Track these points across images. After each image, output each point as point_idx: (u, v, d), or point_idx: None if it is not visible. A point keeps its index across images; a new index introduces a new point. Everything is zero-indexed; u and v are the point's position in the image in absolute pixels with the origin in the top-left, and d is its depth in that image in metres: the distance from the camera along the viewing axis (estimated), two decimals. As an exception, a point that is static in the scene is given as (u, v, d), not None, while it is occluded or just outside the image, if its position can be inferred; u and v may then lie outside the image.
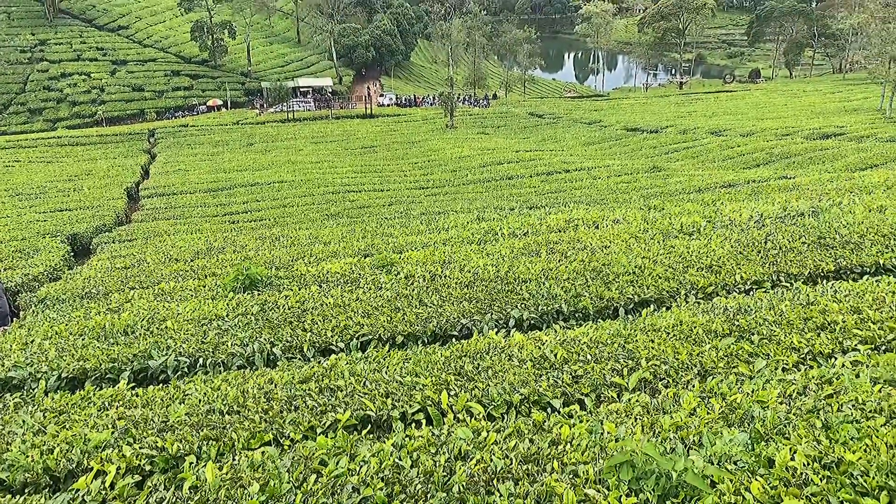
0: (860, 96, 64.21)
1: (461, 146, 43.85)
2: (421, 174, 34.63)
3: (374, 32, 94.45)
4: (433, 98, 77.67)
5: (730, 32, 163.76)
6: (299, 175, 34.59)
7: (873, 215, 10.44)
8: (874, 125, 39.57)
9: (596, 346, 5.39)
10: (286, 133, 55.90)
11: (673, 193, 21.82)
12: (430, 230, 15.42)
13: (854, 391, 3.51)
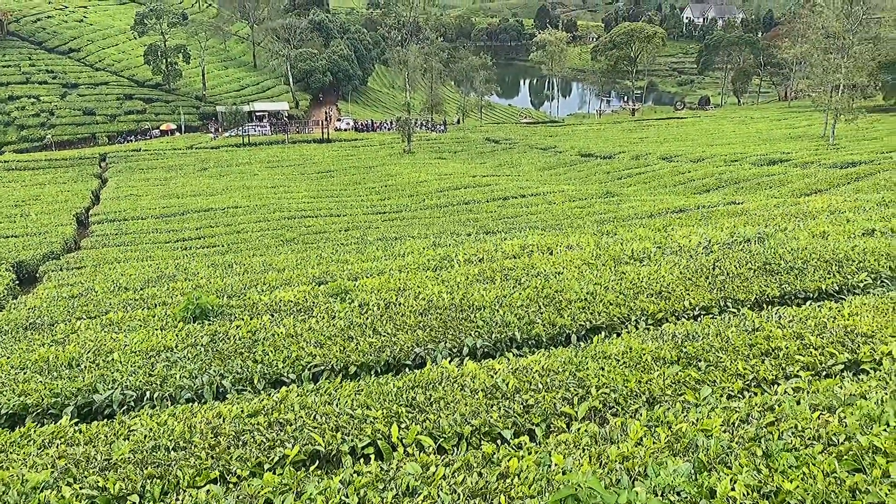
0: (804, 123, 66.43)
1: (418, 171, 44.01)
2: (378, 199, 34.62)
3: (332, 57, 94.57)
4: (390, 123, 77.94)
5: (680, 61, 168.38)
6: (254, 200, 34.27)
7: (817, 241, 10.77)
8: (818, 152, 40.93)
9: (548, 374, 5.42)
10: (241, 157, 55.42)
11: (626, 219, 22.19)
12: (386, 256, 15.39)
13: (794, 418, 3.60)
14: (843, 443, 3.24)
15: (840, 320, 6.10)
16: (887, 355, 4.90)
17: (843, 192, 24.73)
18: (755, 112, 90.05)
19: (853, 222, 13.55)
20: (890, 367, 4.50)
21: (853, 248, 9.46)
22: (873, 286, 7.96)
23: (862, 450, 3.11)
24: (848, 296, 7.64)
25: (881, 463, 2.96)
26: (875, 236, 11.15)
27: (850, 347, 5.38)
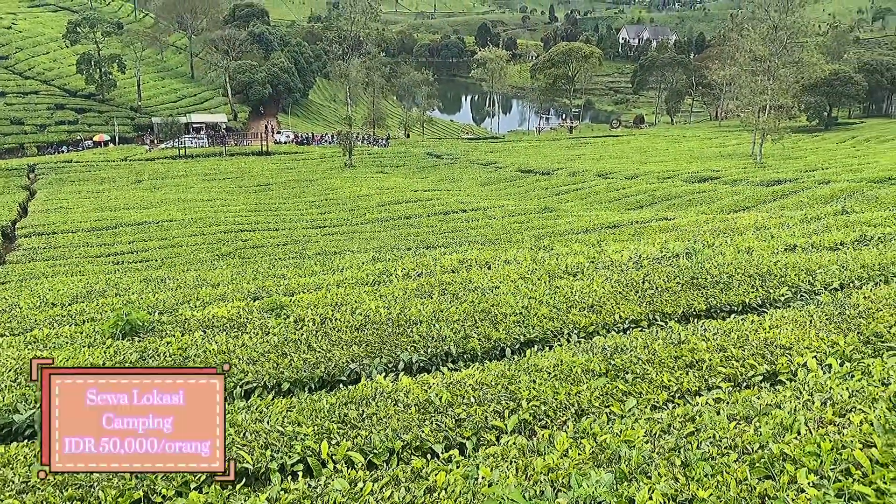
0: (734, 142, 68.85)
1: (359, 185, 43.88)
2: (318, 213, 34.36)
3: (272, 70, 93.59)
4: (331, 136, 77.53)
5: (616, 80, 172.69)
6: (190, 213, 33.56)
7: (742, 256, 11.18)
8: (746, 170, 42.50)
9: (481, 388, 5.48)
10: (177, 170, 54.25)
11: (562, 233, 22.59)
12: (324, 271, 15.28)
13: (713, 428, 3.73)
14: (757, 451, 3.38)
15: (761, 333, 6.35)
16: (802, 366, 5.12)
17: (769, 208, 25.73)
18: (687, 131, 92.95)
19: (777, 238, 14.12)
20: (804, 378, 4.71)
21: (776, 263, 9.85)
22: (793, 300, 8.30)
23: (773, 457, 3.25)
24: (770, 309, 7.95)
25: (790, 469, 3.10)
26: (796, 251, 11.65)
27: (769, 359, 5.61)
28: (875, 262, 9.74)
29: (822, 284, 8.79)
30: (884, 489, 2.83)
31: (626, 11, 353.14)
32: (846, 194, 25.95)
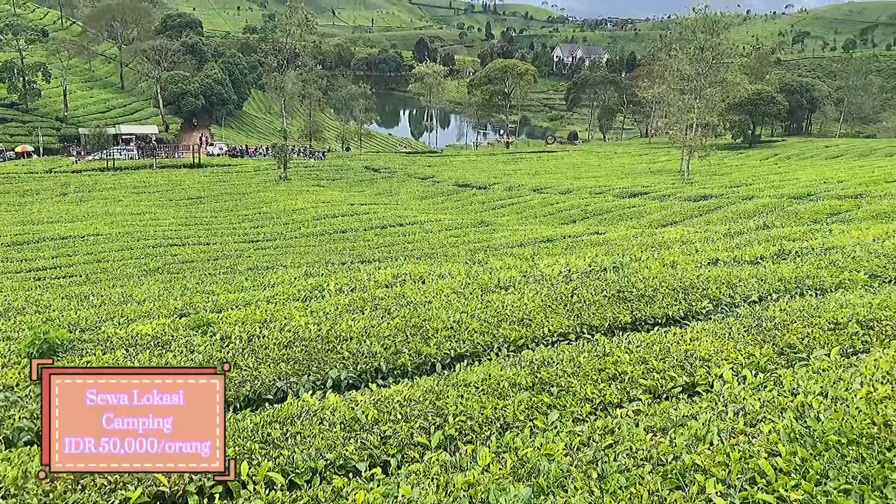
0: (663, 159, 71.00)
1: (294, 198, 43.37)
2: (251, 227, 33.78)
3: (205, 81, 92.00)
4: (266, 149, 76.51)
5: (551, 97, 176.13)
6: (117, 227, 32.54)
7: (666, 270, 11.48)
8: (674, 185, 43.82)
9: (409, 404, 5.46)
10: (105, 182, 52.58)
11: (498, 247, 22.79)
12: (255, 286, 15.00)
13: (630, 440, 3.81)
14: (671, 462, 3.47)
15: (682, 345, 6.52)
16: (719, 378, 5.29)
17: (695, 223, 26.57)
18: (619, 147, 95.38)
19: (701, 252, 14.57)
20: (720, 389, 4.86)
21: (699, 277, 10.15)
22: (714, 312, 8.57)
23: (685, 468, 3.34)
24: (692, 321, 8.18)
25: (700, 480, 3.19)
26: (719, 265, 12.04)
27: (688, 371, 5.77)
28: (792, 276, 10.15)
29: (741, 297, 9.10)
30: (785, 496, 2.94)
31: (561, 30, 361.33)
32: (768, 210, 27.02)
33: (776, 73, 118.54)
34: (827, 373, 4.86)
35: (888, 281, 9.94)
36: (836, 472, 3.07)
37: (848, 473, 3.05)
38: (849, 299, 8.04)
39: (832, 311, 7.43)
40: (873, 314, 7.26)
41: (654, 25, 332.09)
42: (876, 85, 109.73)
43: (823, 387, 4.48)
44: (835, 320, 7.11)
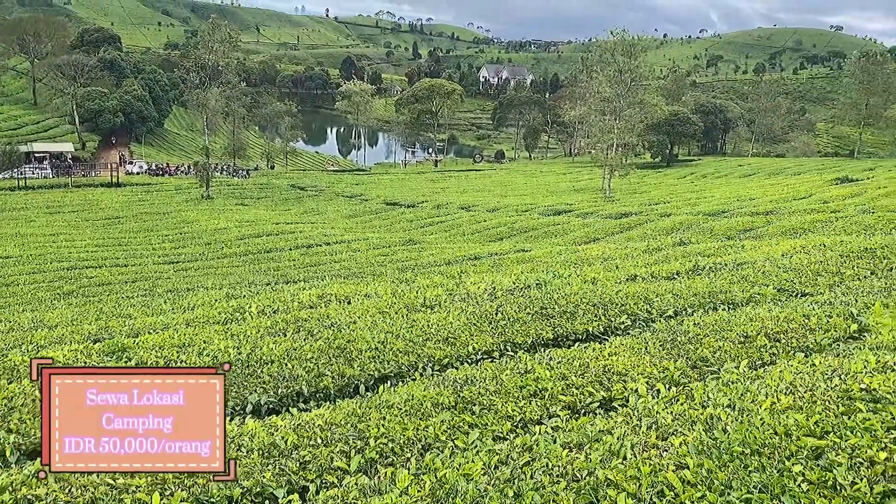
0: (587, 177, 72.74)
1: (217, 218, 42.42)
2: (171, 247, 32.83)
3: (124, 97, 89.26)
4: (188, 167, 74.68)
5: (478, 117, 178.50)
6: (29, 249, 31.09)
7: (587, 286, 11.73)
8: (597, 203, 44.95)
9: (329, 428, 5.38)
10: (16, 202, 50.21)
11: (426, 266, 22.85)
12: (174, 309, 14.56)
13: (547, 457, 3.86)
14: (585, 477, 3.53)
15: (601, 360, 6.66)
16: (634, 392, 5.42)
17: (616, 240, 27.30)
18: (544, 166, 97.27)
19: (621, 268, 14.97)
20: (635, 403, 4.98)
21: (618, 293, 10.42)
22: (632, 327, 8.80)
23: (598, 483, 3.41)
24: (611, 337, 8.37)
25: (612, 494, 3.26)
26: (637, 281, 12.38)
27: (605, 385, 5.90)
28: (706, 291, 10.54)
29: (658, 312, 9.38)
30: (691, 508, 3.04)
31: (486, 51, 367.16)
32: (685, 226, 28.01)
33: (692, 94, 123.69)
34: (735, 385, 5.05)
35: (795, 294, 10.43)
36: (738, 483, 3.19)
37: (750, 483, 3.18)
38: (758, 313, 8.39)
39: (742, 325, 7.73)
40: (780, 327, 7.60)
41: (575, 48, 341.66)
42: (784, 107, 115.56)
43: (731, 399, 4.65)
44: (745, 334, 7.41)
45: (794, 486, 3.12)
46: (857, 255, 13.12)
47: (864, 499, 3.01)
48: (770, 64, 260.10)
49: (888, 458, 3.34)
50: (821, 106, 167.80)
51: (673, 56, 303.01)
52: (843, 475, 3.18)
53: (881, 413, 3.97)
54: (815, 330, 7.38)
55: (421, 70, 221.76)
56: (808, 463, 3.36)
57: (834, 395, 4.40)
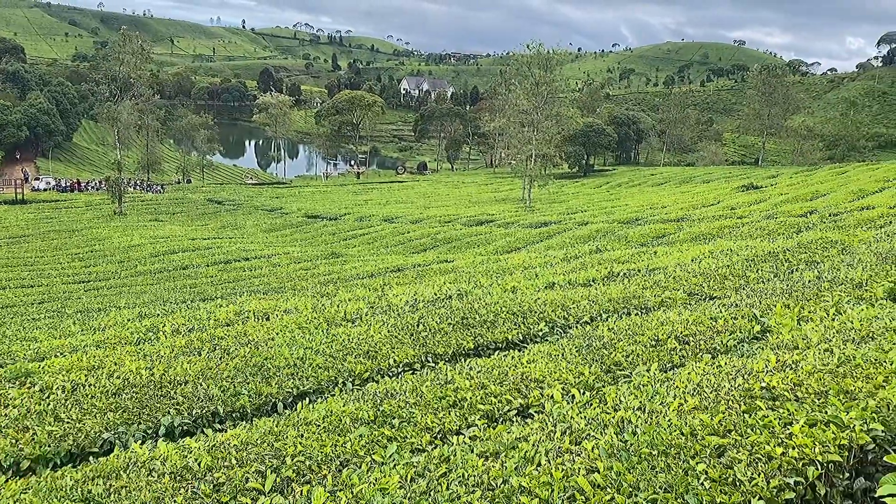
0: (507, 188, 73.85)
1: (130, 235, 40.95)
2: (81, 266, 31.46)
3: (29, 111, 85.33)
4: (99, 182, 71.88)
5: (400, 128, 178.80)
6: (-78, 272, 29.22)
7: (507, 295, 11.90)
8: (518, 213, 45.67)
9: (245, 448, 5.26)
10: None
11: (348, 279, 22.67)
12: (83, 331, 13.95)
13: (463, 467, 3.89)
14: (500, 486, 3.57)
15: (519, 368, 6.75)
16: (550, 398, 5.52)
17: (536, 248, 27.79)
18: (466, 177, 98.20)
19: (540, 276, 15.24)
20: (550, 409, 5.07)
21: (536, 301, 10.60)
22: (550, 334, 8.96)
23: (512, 491, 3.45)
24: (529, 344, 8.50)
25: (525, 501, 3.31)
26: (555, 289, 12.64)
27: (523, 393, 5.98)
28: (620, 297, 10.84)
29: (574, 319, 9.59)
30: (600, 511, 3.12)
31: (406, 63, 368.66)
32: (601, 234, 28.78)
33: (606, 106, 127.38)
34: (646, 388, 5.20)
35: (704, 298, 10.85)
36: (646, 483, 3.28)
37: (656, 483, 3.28)
38: (669, 317, 8.70)
39: (654, 329, 7.99)
40: (689, 330, 7.89)
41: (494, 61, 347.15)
42: (693, 117, 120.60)
43: (642, 402, 4.79)
44: (656, 337, 7.66)
45: (697, 484, 3.24)
46: (762, 259, 13.78)
47: (761, 493, 3.16)
48: (679, 77, 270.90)
49: (784, 452, 3.51)
50: (727, 116, 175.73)
51: (587, 69, 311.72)
52: (743, 471, 3.32)
53: (779, 410, 4.17)
54: (722, 332, 7.70)
55: (341, 82, 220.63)
56: (711, 461, 3.49)
57: (737, 395, 4.60)
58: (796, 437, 3.65)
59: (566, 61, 72.92)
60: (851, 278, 10.16)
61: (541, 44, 54.61)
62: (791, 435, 3.70)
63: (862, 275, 10.30)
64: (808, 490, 3.41)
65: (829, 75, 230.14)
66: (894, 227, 17.31)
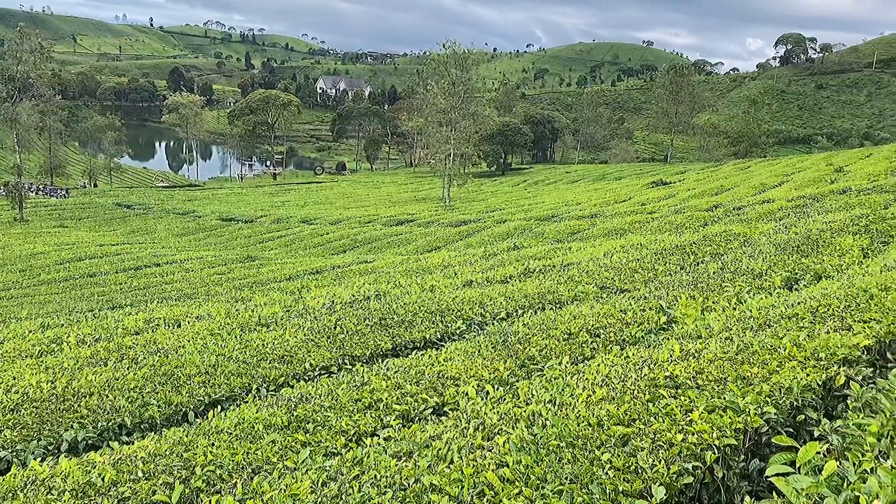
0: (427, 187, 74.04)
1: (33, 242, 38.93)
2: (-22, 277, 29.69)
3: (-87, 112, 79.81)
4: (-3, 188, 68.00)
5: (317, 128, 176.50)
6: None
7: (426, 294, 11.93)
8: (437, 212, 45.84)
9: (153, 459, 5.08)
10: None
11: (265, 283, 22.23)
12: (-21, 345, 13.15)
13: (376, 468, 3.87)
14: (412, 485, 3.57)
15: (436, 366, 6.78)
16: (465, 395, 5.56)
17: (456, 247, 27.97)
18: (386, 177, 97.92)
19: (459, 275, 15.35)
20: (465, 406, 5.10)
21: (454, 299, 10.67)
22: (467, 332, 9.03)
23: (423, 489, 3.46)
24: (447, 342, 8.55)
25: (435, 499, 3.32)
26: (473, 286, 12.75)
27: (439, 391, 6.00)
28: (535, 292, 11.03)
29: (491, 315, 9.70)
30: (508, 505, 3.16)
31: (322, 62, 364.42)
32: (519, 231, 29.22)
33: (522, 106, 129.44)
34: (557, 381, 5.31)
35: (615, 291, 11.16)
36: (552, 475, 3.35)
37: (563, 475, 3.35)
38: (581, 310, 8.91)
39: (567, 323, 8.17)
40: (600, 323, 8.10)
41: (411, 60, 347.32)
42: (605, 116, 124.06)
43: (553, 395, 4.88)
44: (569, 331, 7.83)
45: (601, 473, 3.33)
46: (670, 252, 14.29)
47: (661, 479, 3.27)
48: (591, 76, 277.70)
49: (684, 439, 3.65)
50: (637, 115, 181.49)
51: (503, 69, 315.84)
52: (645, 459, 3.43)
53: (681, 398, 4.33)
54: (631, 324, 7.94)
55: (255, 81, 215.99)
56: (615, 450, 3.60)
57: (642, 385, 4.75)
58: (696, 423, 3.80)
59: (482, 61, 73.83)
60: (752, 269, 10.66)
61: (456, 43, 55.04)
62: (691, 421, 3.85)
63: (762, 265, 10.83)
64: (707, 473, 3.55)
65: (732, 75, 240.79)
66: (792, 219, 18.27)
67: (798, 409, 4.28)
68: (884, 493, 2.49)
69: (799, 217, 18.24)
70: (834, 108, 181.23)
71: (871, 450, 3.10)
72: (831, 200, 21.12)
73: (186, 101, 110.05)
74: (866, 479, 2.66)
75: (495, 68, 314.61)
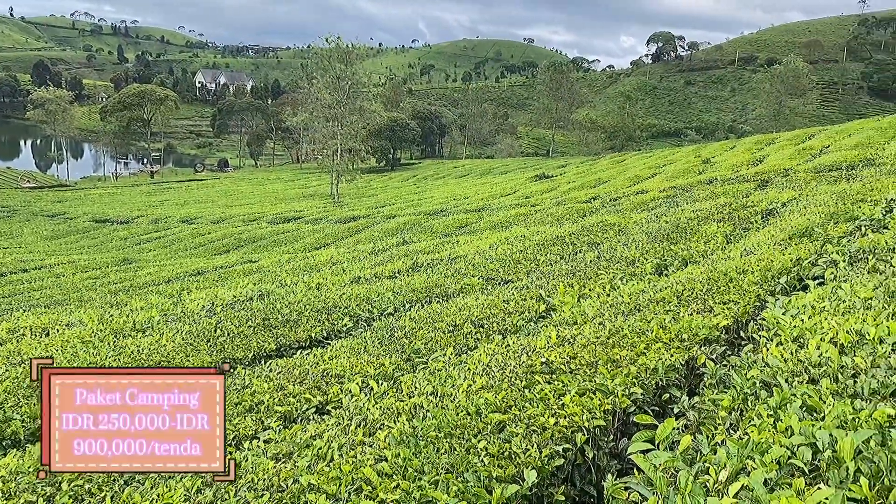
0: (315, 183, 72.86)
1: None
2: None
3: None
4: None
5: (197, 124, 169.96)
6: None
7: (312, 292, 11.76)
8: (326, 209, 45.23)
9: (15, 477, 4.76)
10: None
11: (143, 286, 21.22)
12: None
13: (254, 472, 3.78)
14: (291, 486, 3.51)
15: (321, 365, 6.69)
16: (348, 393, 5.53)
17: (345, 244, 27.72)
18: (272, 174, 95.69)
19: (348, 271, 15.24)
20: (348, 403, 5.07)
21: (342, 296, 10.58)
22: (354, 329, 8.98)
23: (302, 490, 3.42)
24: (333, 340, 8.47)
25: (313, 499, 3.27)
26: (361, 283, 12.69)
27: (323, 390, 5.93)
28: (423, 286, 11.11)
29: (378, 311, 9.69)
30: (384, 499, 3.17)
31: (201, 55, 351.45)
32: (408, 226, 29.30)
33: (409, 101, 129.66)
34: (440, 372, 5.36)
35: (499, 282, 11.40)
36: (430, 467, 3.38)
37: (440, 465, 3.39)
38: (466, 302, 9.04)
39: (452, 315, 8.27)
40: (484, 313, 8.25)
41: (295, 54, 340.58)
42: (490, 112, 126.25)
43: (435, 386, 4.93)
44: (454, 323, 7.93)
45: (477, 461, 3.39)
46: (551, 243, 14.75)
47: (533, 463, 3.37)
48: (476, 73, 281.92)
49: (556, 422, 3.77)
50: (521, 111, 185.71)
51: (389, 64, 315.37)
52: (518, 444, 3.53)
53: (555, 383, 4.48)
54: (513, 313, 8.13)
55: (129, 75, 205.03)
56: (491, 438, 3.68)
57: (520, 371, 4.88)
58: (568, 406, 3.95)
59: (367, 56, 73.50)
60: (626, 257, 11.17)
61: (339, 37, 54.33)
62: (564, 405, 3.99)
63: (634, 253, 11.36)
64: (578, 455, 3.69)
65: (608, 71, 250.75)
66: (663, 208, 19.26)
67: (663, 388, 4.53)
68: (731, 463, 2.67)
69: (669, 207, 19.25)
70: (702, 102, 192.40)
71: (723, 423, 3.33)
72: (699, 190, 22.42)
73: (53, 96, 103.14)
74: (717, 451, 2.85)
75: (381, 63, 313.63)
